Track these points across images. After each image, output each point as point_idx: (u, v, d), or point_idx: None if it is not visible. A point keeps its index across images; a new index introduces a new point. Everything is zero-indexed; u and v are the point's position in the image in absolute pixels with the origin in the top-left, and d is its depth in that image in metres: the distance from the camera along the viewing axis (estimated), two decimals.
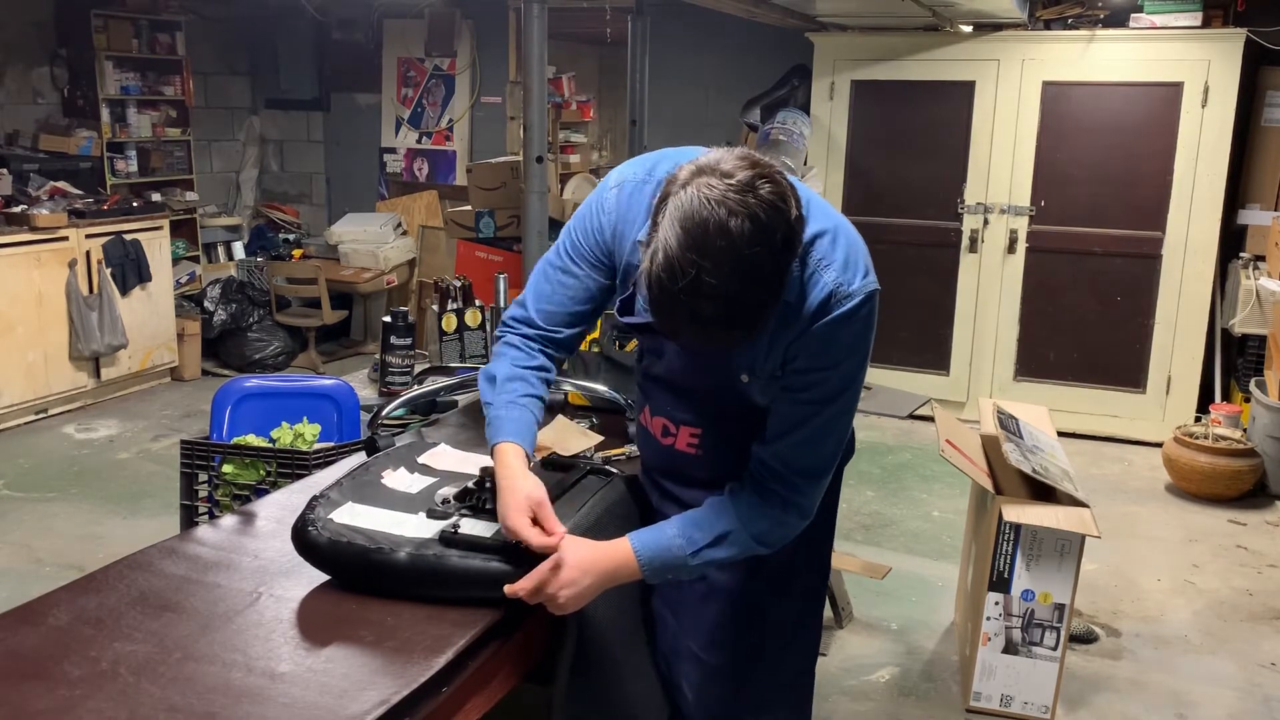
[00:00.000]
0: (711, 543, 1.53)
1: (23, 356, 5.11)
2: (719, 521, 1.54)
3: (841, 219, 1.54)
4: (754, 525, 1.54)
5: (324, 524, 1.57)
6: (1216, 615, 3.49)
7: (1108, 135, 5.04)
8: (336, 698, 1.28)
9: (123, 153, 6.43)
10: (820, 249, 1.46)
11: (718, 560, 1.55)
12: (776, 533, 1.56)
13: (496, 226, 5.80)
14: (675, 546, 1.53)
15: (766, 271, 1.30)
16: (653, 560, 1.53)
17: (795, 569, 1.76)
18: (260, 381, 3.11)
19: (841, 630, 3.29)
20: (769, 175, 1.32)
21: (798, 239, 1.35)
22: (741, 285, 1.28)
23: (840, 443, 1.57)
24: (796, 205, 1.34)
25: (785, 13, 4.95)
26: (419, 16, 6.96)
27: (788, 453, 1.52)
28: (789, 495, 1.54)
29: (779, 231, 1.29)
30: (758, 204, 1.28)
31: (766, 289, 1.31)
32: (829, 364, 1.49)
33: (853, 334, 1.47)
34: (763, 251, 1.28)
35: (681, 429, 1.69)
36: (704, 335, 1.34)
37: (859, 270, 1.48)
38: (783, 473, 1.53)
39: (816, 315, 1.45)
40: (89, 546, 3.78)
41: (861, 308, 1.46)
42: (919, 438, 5.16)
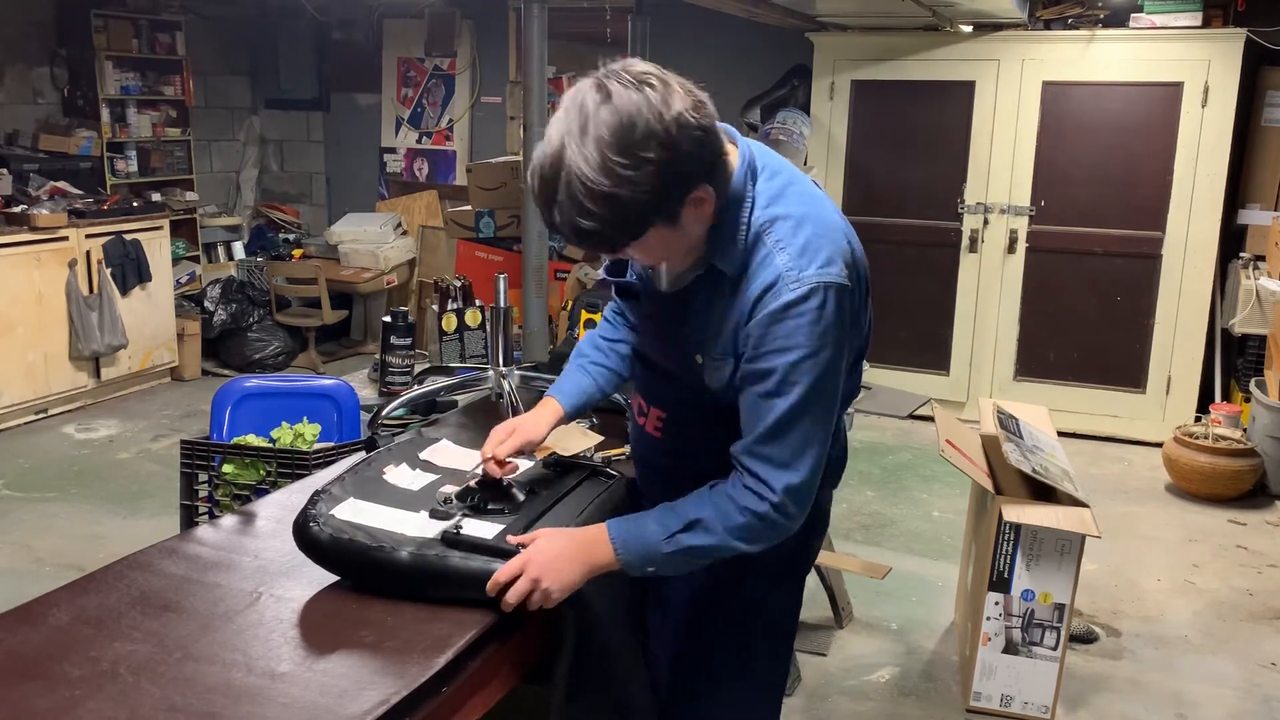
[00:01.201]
0: (684, 528, 1.49)
1: (23, 356, 5.11)
2: (694, 509, 1.50)
3: (823, 208, 1.49)
4: (729, 517, 1.48)
5: (325, 520, 1.56)
6: (1216, 615, 3.49)
7: (1108, 135, 5.04)
8: (336, 698, 1.28)
9: (123, 153, 6.43)
10: (780, 231, 1.43)
11: (693, 547, 1.49)
12: (756, 530, 1.48)
13: (496, 226, 5.80)
14: (650, 532, 1.50)
15: (617, 158, 1.29)
16: (628, 545, 1.50)
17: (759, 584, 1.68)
18: (260, 381, 3.11)
19: (841, 630, 3.29)
20: (663, 79, 1.33)
21: (671, 143, 1.30)
22: (591, 168, 1.29)
23: (812, 444, 1.46)
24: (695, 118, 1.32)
25: (785, 13, 4.95)
26: (419, 16, 6.96)
27: (753, 449, 1.47)
28: (762, 492, 1.46)
29: (641, 124, 1.29)
30: (630, 94, 1.30)
31: (616, 178, 1.29)
32: (773, 353, 1.42)
33: (800, 325, 1.40)
34: (618, 137, 1.29)
35: (651, 410, 1.69)
36: (565, 223, 1.35)
37: (816, 259, 1.41)
38: (752, 469, 1.47)
39: (760, 299, 1.42)
40: (89, 546, 3.78)
41: (810, 298, 1.39)
42: (919, 438, 5.16)
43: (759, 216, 1.45)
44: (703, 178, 1.38)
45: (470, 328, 3.62)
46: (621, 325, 1.84)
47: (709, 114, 1.37)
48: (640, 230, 1.38)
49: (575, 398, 1.80)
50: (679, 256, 1.50)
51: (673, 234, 1.42)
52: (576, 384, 1.80)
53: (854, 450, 4.97)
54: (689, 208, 1.40)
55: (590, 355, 1.84)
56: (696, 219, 1.42)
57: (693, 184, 1.37)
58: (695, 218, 1.42)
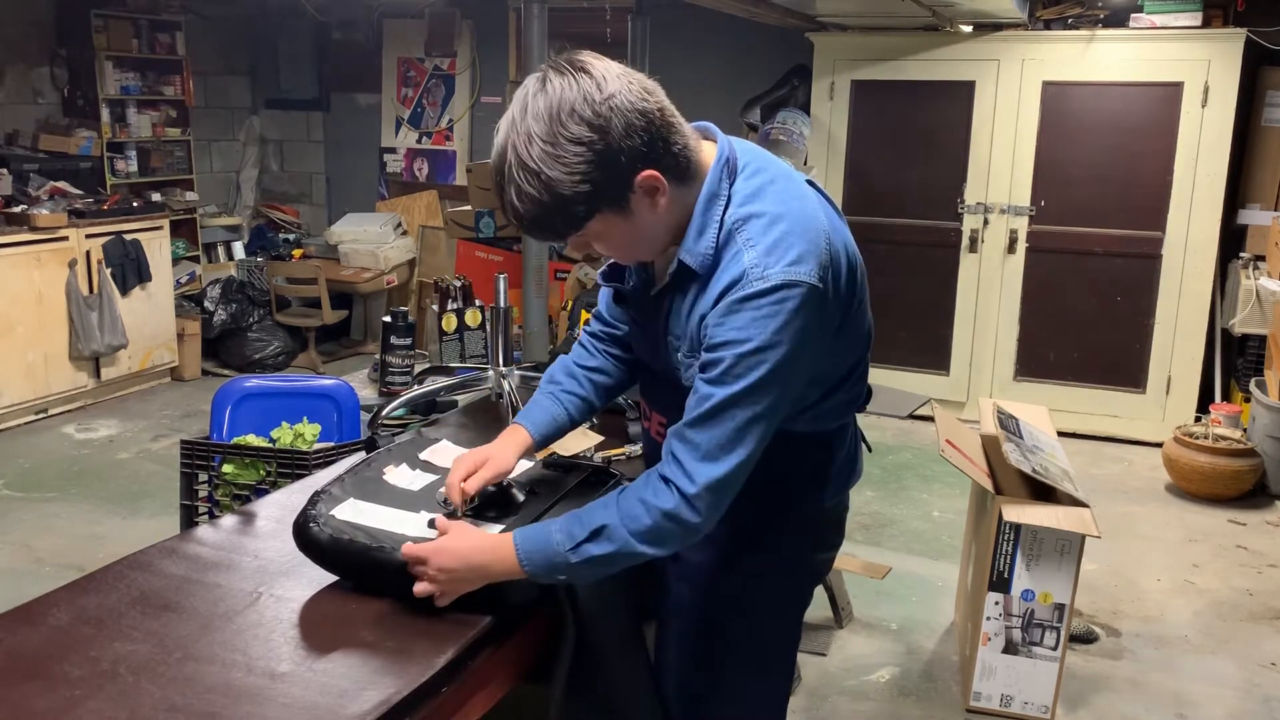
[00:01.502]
0: (589, 537, 1.43)
1: (23, 356, 5.11)
2: (598, 516, 1.45)
3: (804, 207, 1.44)
4: (634, 520, 1.42)
5: (325, 520, 1.56)
6: (1216, 615, 3.49)
7: (1108, 135, 5.04)
8: (336, 698, 1.28)
9: (123, 153, 6.43)
10: (751, 229, 1.40)
11: (598, 557, 1.43)
12: (662, 531, 1.42)
13: (496, 226, 5.80)
14: (555, 542, 1.45)
15: (549, 141, 1.31)
16: (532, 556, 1.45)
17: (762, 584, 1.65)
18: (260, 381, 3.11)
19: (841, 630, 3.29)
20: (604, 67, 1.34)
21: (602, 125, 1.31)
22: (526, 151, 1.32)
23: (744, 440, 1.40)
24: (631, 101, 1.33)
25: (785, 13, 4.95)
26: (419, 16, 6.96)
27: (682, 431, 1.42)
28: (679, 482, 1.41)
29: (572, 106, 1.31)
30: (565, 80, 1.32)
31: (549, 159, 1.31)
32: (725, 343, 1.37)
33: (756, 317, 1.36)
34: (551, 122, 1.31)
35: (654, 415, 1.67)
36: (510, 207, 1.38)
37: (785, 257, 1.37)
38: (676, 453, 1.42)
39: (723, 294, 1.39)
40: (89, 546, 3.77)
41: (773, 292, 1.35)
42: (919, 438, 5.16)
43: (732, 214, 1.42)
44: (648, 162, 1.36)
45: (470, 328, 3.63)
46: (599, 351, 1.78)
47: (655, 101, 1.36)
48: (583, 215, 1.37)
49: (545, 427, 1.71)
50: (643, 249, 1.48)
51: (626, 223, 1.40)
52: (547, 413, 1.72)
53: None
54: (640, 195, 1.38)
55: (563, 383, 1.76)
56: (651, 209, 1.40)
57: (634, 167, 1.35)
58: (650, 207, 1.40)
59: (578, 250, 1.61)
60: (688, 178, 1.43)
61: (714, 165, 1.44)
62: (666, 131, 1.37)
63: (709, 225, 1.42)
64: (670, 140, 1.38)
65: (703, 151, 1.45)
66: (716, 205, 1.43)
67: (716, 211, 1.43)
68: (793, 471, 1.59)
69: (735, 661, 1.68)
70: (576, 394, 1.75)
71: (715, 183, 1.43)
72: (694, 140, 1.44)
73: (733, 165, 1.46)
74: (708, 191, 1.43)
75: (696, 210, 1.43)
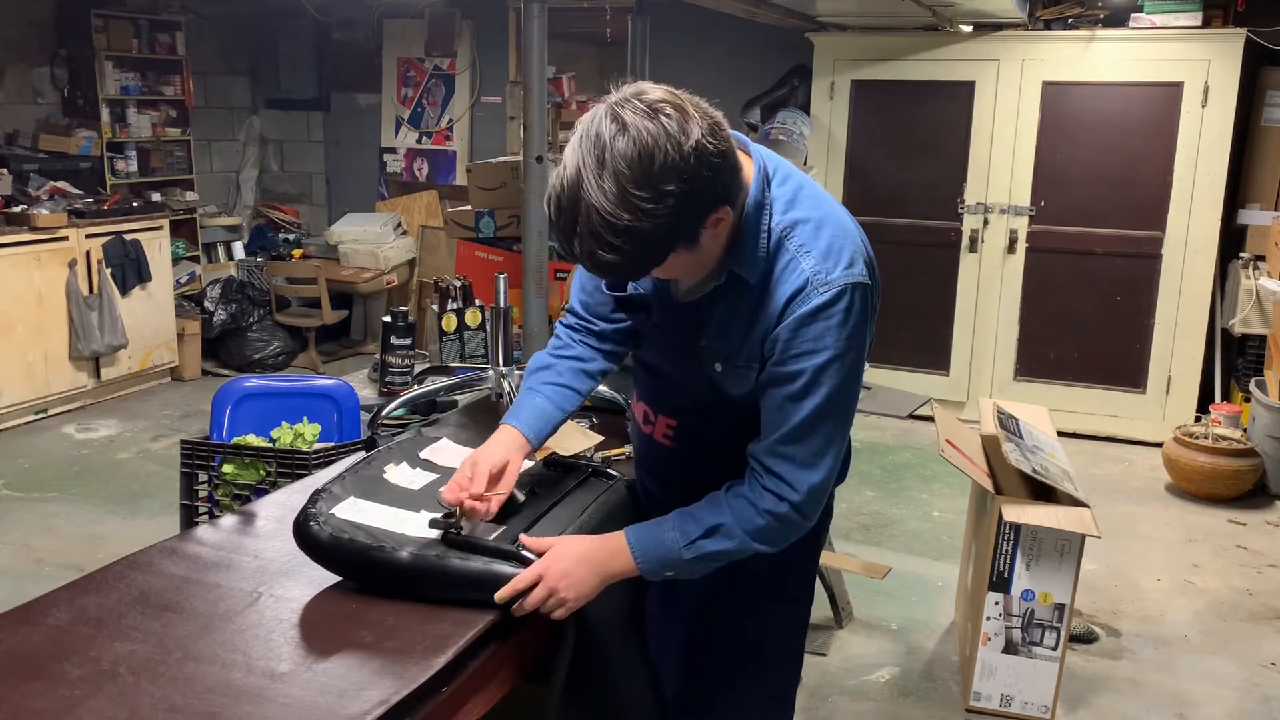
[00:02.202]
0: (705, 534, 1.50)
1: (23, 356, 5.11)
2: (713, 514, 1.51)
3: (835, 209, 1.50)
4: (748, 521, 1.50)
5: (326, 519, 1.56)
6: (1216, 615, 3.49)
7: (1108, 135, 5.04)
8: (336, 698, 1.28)
9: (123, 153, 6.43)
10: (801, 235, 1.44)
11: (713, 553, 1.51)
12: (774, 531, 1.50)
13: (496, 226, 5.80)
14: (669, 540, 1.51)
15: (637, 192, 1.27)
16: (647, 552, 1.52)
17: (766, 589, 1.69)
18: (260, 381, 3.10)
19: (841, 630, 3.29)
20: (679, 105, 1.31)
21: (690, 173, 1.29)
22: (610, 201, 1.27)
23: (833, 444, 1.49)
24: (713, 143, 1.30)
25: (785, 13, 4.95)
26: (419, 16, 6.96)
27: (777, 448, 1.48)
28: (783, 492, 1.49)
29: (660, 156, 1.27)
30: (646, 124, 1.28)
31: (636, 211, 1.28)
32: (802, 355, 1.43)
33: (829, 326, 1.42)
34: (636, 171, 1.27)
35: (659, 419, 1.68)
36: (585, 255, 1.34)
37: (841, 260, 1.43)
38: (774, 469, 1.49)
39: (790, 303, 1.43)
40: (89, 546, 3.77)
41: (840, 299, 1.42)
42: (919, 438, 5.16)
43: (779, 222, 1.46)
44: (722, 200, 1.38)
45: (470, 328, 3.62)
46: (577, 340, 1.78)
47: (726, 136, 1.36)
48: (661, 258, 1.37)
49: (535, 421, 1.70)
50: (697, 271, 1.50)
51: (692, 255, 1.42)
52: (533, 409, 1.71)
53: (854, 450, 4.98)
54: (708, 229, 1.39)
55: (540, 375, 1.76)
56: (715, 238, 1.42)
57: (713, 208, 1.37)
58: (714, 237, 1.42)
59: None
60: (742, 197, 1.45)
61: (755, 176, 1.47)
62: (735, 164, 1.39)
63: (759, 235, 1.46)
64: (738, 171, 1.41)
65: (744, 167, 1.46)
66: (763, 214, 1.46)
67: (764, 221, 1.46)
68: None
69: (742, 663, 1.68)
70: (556, 383, 1.75)
71: (759, 193, 1.46)
72: (743, 158, 1.46)
73: (768, 174, 1.49)
74: (754, 202, 1.46)
75: (745, 221, 1.45)
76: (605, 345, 1.78)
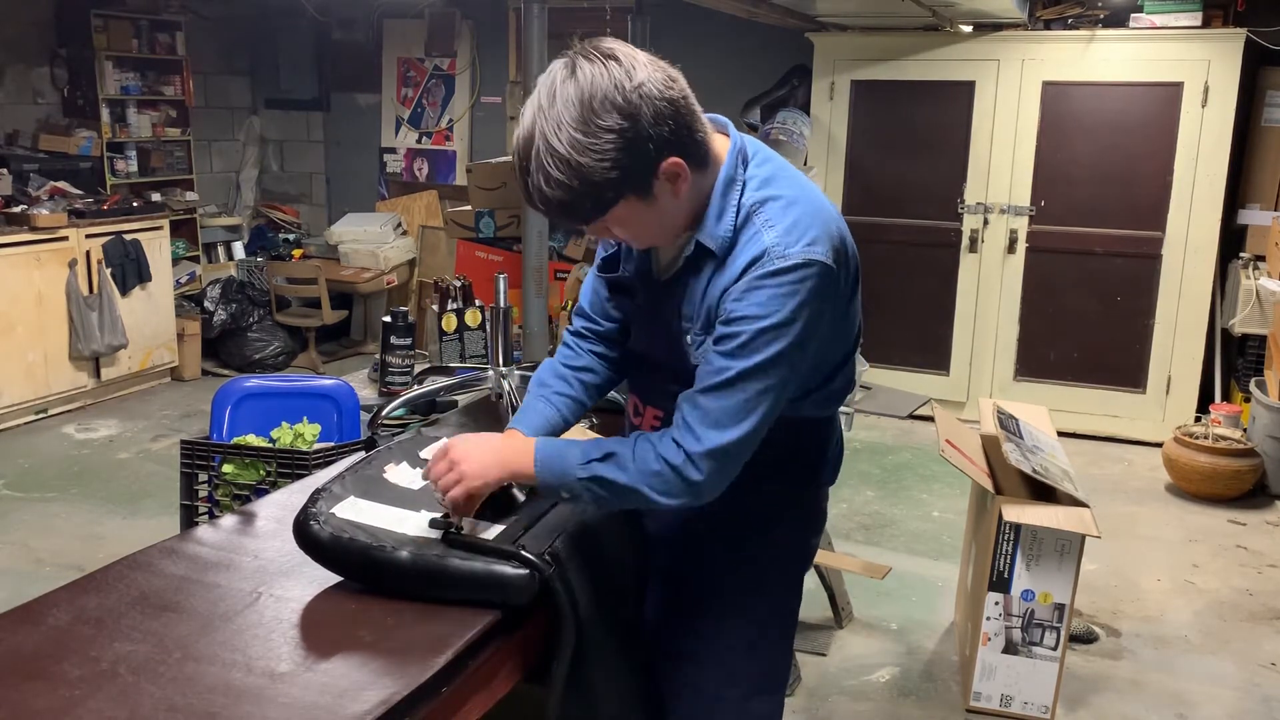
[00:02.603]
0: (601, 458, 1.49)
1: (23, 356, 5.11)
2: (618, 445, 1.51)
3: (811, 193, 1.51)
4: (644, 461, 1.47)
5: (326, 519, 1.56)
6: (1216, 615, 3.49)
7: (1108, 135, 5.04)
8: (336, 698, 1.28)
9: (123, 153, 6.43)
10: (769, 211, 1.46)
11: (605, 480, 1.48)
12: (667, 481, 1.46)
13: (496, 226, 5.80)
14: (570, 454, 1.51)
15: (580, 128, 1.33)
16: (546, 460, 1.52)
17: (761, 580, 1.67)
18: (260, 381, 3.10)
19: (841, 630, 3.29)
20: (630, 54, 1.36)
21: (632, 113, 1.33)
22: (555, 137, 1.33)
23: (753, 412, 1.45)
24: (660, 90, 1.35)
25: (785, 13, 4.95)
26: (419, 16, 6.96)
27: (695, 398, 1.47)
28: (685, 443, 1.45)
29: (603, 95, 1.32)
30: (594, 68, 1.33)
31: (579, 146, 1.33)
32: (745, 318, 1.42)
33: (777, 293, 1.41)
34: (581, 108, 1.33)
35: (648, 410, 1.68)
36: (536, 192, 1.39)
37: (804, 237, 1.43)
38: (686, 417, 1.46)
39: (746, 270, 1.43)
40: (89, 546, 3.78)
41: (794, 271, 1.41)
42: (919, 438, 5.16)
43: (750, 198, 1.47)
44: (673, 149, 1.39)
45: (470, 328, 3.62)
46: (584, 351, 1.80)
47: (679, 89, 1.40)
48: (609, 201, 1.40)
49: (541, 430, 1.71)
50: (661, 234, 1.51)
51: (648, 209, 1.44)
52: (540, 415, 1.72)
53: (854, 450, 4.99)
54: (662, 181, 1.41)
55: (552, 385, 1.77)
56: (673, 194, 1.43)
57: (661, 154, 1.38)
58: (671, 193, 1.43)
59: (595, 234, 1.60)
60: (705, 164, 1.47)
61: (730, 152, 1.50)
62: (690, 119, 1.42)
63: (728, 209, 1.48)
64: (694, 128, 1.43)
65: (716, 141, 1.50)
66: (734, 190, 1.48)
67: (734, 196, 1.48)
68: (798, 456, 1.65)
69: (735, 654, 1.68)
70: (567, 394, 1.76)
71: (732, 168, 1.49)
72: (710, 128, 1.49)
73: (745, 154, 1.51)
74: (725, 176, 1.48)
75: (715, 194, 1.48)
76: (612, 351, 1.79)
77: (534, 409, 1.74)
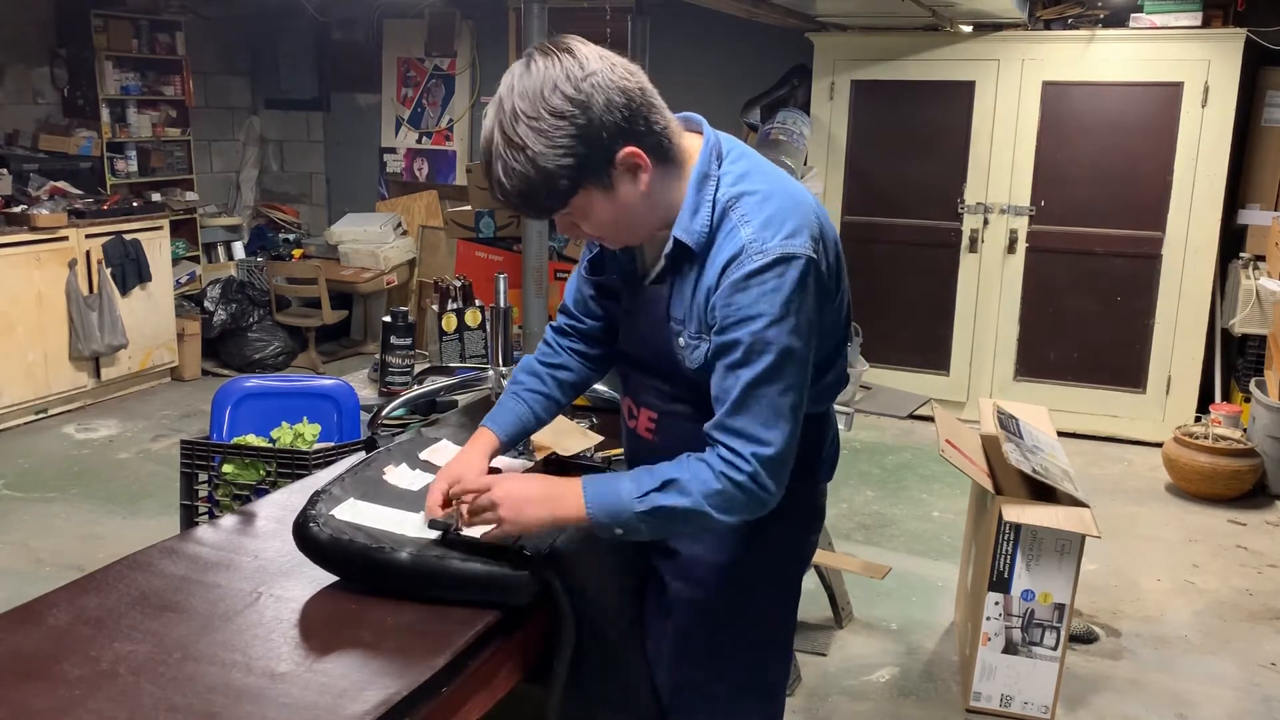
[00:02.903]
0: (659, 487, 1.46)
1: (23, 356, 5.11)
2: (671, 470, 1.48)
3: (789, 186, 1.49)
4: (704, 482, 1.45)
5: (325, 521, 1.56)
6: (1216, 615, 3.49)
7: (1108, 135, 5.04)
8: (336, 698, 1.28)
9: (123, 153, 6.43)
10: (744, 206, 1.45)
11: (665, 508, 1.45)
12: (731, 498, 1.45)
13: (496, 226, 5.81)
14: (624, 490, 1.48)
15: (532, 115, 1.35)
16: (599, 498, 1.48)
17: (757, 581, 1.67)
18: (260, 381, 3.11)
19: (841, 630, 3.29)
20: (586, 48, 1.39)
21: (584, 101, 1.35)
22: (510, 125, 1.37)
23: (781, 414, 1.44)
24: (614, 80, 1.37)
25: (785, 13, 4.95)
26: (419, 16, 6.96)
27: (724, 422, 1.45)
28: (737, 463, 1.44)
29: (555, 84, 1.35)
30: (549, 60, 1.36)
31: (532, 134, 1.35)
32: (738, 323, 1.42)
33: (763, 292, 1.40)
34: (534, 98, 1.35)
35: (641, 411, 1.68)
36: (495, 183, 1.41)
37: (781, 231, 1.42)
38: (725, 442, 1.45)
39: (725, 269, 1.43)
40: (89, 546, 3.77)
41: (774, 266, 1.40)
42: (919, 438, 5.16)
43: (725, 193, 1.47)
44: (629, 138, 1.40)
45: (470, 328, 3.63)
46: (562, 349, 1.81)
47: (636, 82, 1.41)
48: (565, 190, 1.40)
49: (511, 428, 1.73)
50: (630, 231, 1.51)
51: (609, 201, 1.44)
52: (513, 414, 1.74)
53: (854, 450, 4.99)
54: (622, 171, 1.41)
55: (526, 383, 1.78)
56: (634, 186, 1.43)
57: (615, 142, 1.39)
58: (632, 184, 1.43)
59: (567, 232, 1.60)
60: (671, 160, 1.47)
61: (703, 149, 1.50)
62: (647, 110, 1.42)
63: (703, 204, 1.47)
64: (651, 119, 1.43)
65: (686, 138, 1.50)
66: (708, 185, 1.48)
67: (709, 191, 1.48)
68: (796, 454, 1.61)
69: (734, 654, 1.68)
70: (540, 392, 1.78)
71: (706, 164, 1.49)
72: (676, 125, 1.49)
73: (720, 150, 1.51)
74: (699, 173, 1.48)
75: (689, 190, 1.48)
76: (592, 349, 1.80)
77: (507, 407, 1.76)
